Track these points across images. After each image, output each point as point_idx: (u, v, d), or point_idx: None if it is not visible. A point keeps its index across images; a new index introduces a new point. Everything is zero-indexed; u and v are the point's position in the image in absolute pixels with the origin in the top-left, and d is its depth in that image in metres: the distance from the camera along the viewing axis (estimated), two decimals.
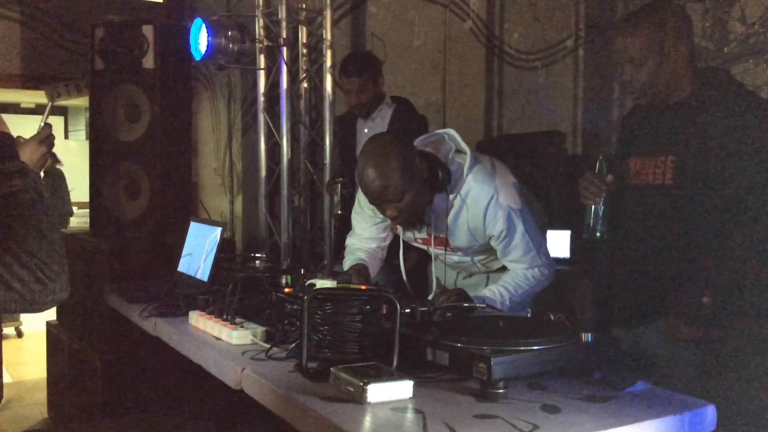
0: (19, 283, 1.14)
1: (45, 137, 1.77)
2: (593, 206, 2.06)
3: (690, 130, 1.96)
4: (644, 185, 2.06)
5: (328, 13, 3.91)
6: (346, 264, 2.53)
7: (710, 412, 1.47)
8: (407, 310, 1.76)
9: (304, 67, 4.08)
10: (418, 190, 2.18)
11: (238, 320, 2.00)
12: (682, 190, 1.96)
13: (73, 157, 9.26)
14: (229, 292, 2.09)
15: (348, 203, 3.43)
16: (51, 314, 4.29)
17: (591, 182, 2.05)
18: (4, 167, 1.23)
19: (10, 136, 1.32)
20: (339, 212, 3.48)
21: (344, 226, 3.63)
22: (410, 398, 1.47)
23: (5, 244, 1.15)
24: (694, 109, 1.98)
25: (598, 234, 2.06)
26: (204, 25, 3.60)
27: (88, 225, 4.20)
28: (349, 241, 2.62)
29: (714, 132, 1.91)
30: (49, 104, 1.81)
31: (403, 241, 2.47)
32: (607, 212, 2.05)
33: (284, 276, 2.45)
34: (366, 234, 2.56)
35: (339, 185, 3.45)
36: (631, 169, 2.11)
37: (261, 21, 3.96)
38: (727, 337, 1.92)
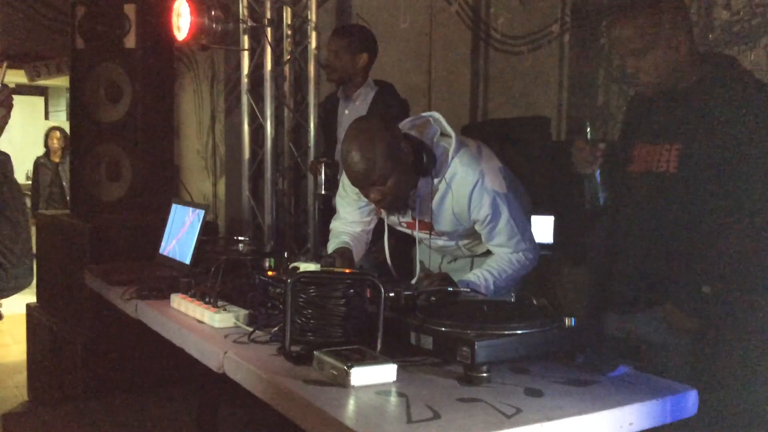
0: None
1: (3, 99, 1.64)
2: (590, 174, 2.02)
3: (696, 118, 1.94)
4: (649, 172, 2.03)
5: None
6: (331, 247, 2.51)
7: (692, 397, 1.48)
8: (391, 294, 1.75)
9: (289, 49, 4.04)
10: (403, 174, 2.17)
11: (220, 303, 1.99)
12: (687, 178, 1.94)
13: None
14: (212, 275, 2.08)
15: (332, 183, 3.40)
16: (31, 296, 4.25)
17: (584, 149, 2.01)
18: None
19: None
20: (322, 192, 3.46)
21: (328, 206, 3.62)
22: (394, 382, 1.46)
23: None
24: (701, 96, 1.95)
25: (600, 202, 2.02)
26: (187, 4, 3.55)
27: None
28: (334, 224, 2.61)
29: (720, 120, 1.89)
30: (4, 63, 1.71)
31: (388, 225, 2.46)
32: (605, 179, 2.01)
33: (267, 259, 2.43)
34: (350, 218, 2.55)
35: (322, 165, 3.42)
36: (636, 155, 2.10)
37: (245, 1, 3.91)
38: (724, 328, 1.92)
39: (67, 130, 4.13)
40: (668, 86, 2.01)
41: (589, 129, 2.03)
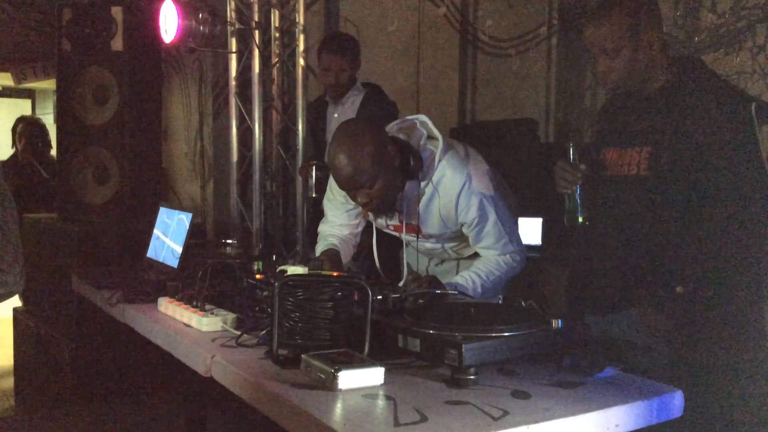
0: None
1: None
2: (571, 193, 2.07)
3: (665, 121, 1.97)
4: (620, 176, 2.06)
5: None
6: (318, 250, 2.51)
7: (678, 398, 1.49)
8: (379, 297, 1.76)
9: (277, 51, 4.03)
10: (390, 177, 2.17)
11: (208, 307, 1.98)
12: (658, 180, 1.96)
13: None
14: (199, 278, 2.07)
15: (322, 186, 3.41)
16: (17, 300, 4.23)
17: (565, 170, 2.06)
18: None
19: None
20: (313, 195, 3.47)
21: (318, 209, 3.62)
22: (381, 385, 1.46)
23: None
24: (670, 99, 1.98)
25: (579, 219, 2.08)
26: (174, 7, 3.54)
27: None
28: (322, 228, 2.61)
29: (689, 122, 1.92)
30: None
31: (376, 228, 2.47)
32: (585, 197, 2.07)
33: (256, 262, 2.43)
34: (338, 221, 2.55)
35: (313, 168, 3.43)
36: (606, 159, 2.12)
37: (232, 3, 3.90)
38: (699, 327, 1.94)
39: (54, 132, 4.08)
40: (638, 86, 2.03)
41: (572, 150, 2.07)
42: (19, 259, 1.17)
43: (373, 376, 1.46)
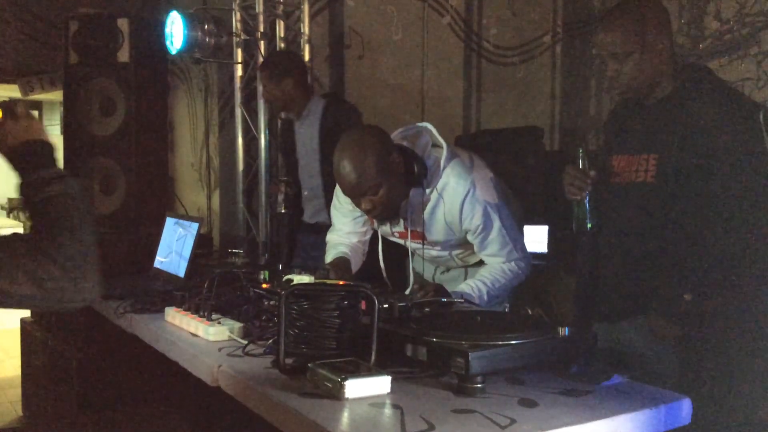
0: (50, 282, 1.20)
1: None
2: (580, 200, 2.07)
3: (672, 128, 1.97)
4: (628, 183, 2.06)
5: (305, 7, 3.89)
6: (328, 259, 2.52)
7: (685, 406, 1.49)
8: (385, 306, 1.76)
9: None
10: (394, 184, 2.18)
11: (214, 316, 1.99)
12: (665, 187, 1.96)
13: None
14: (206, 288, 2.07)
15: (292, 203, 3.44)
16: (25, 311, 4.23)
17: (575, 177, 2.06)
18: (43, 174, 1.31)
19: (50, 144, 1.38)
20: (282, 211, 3.48)
21: (290, 225, 3.64)
22: (388, 394, 1.46)
23: (40, 244, 1.21)
24: (677, 106, 1.98)
25: (588, 226, 2.08)
26: (180, 18, 3.56)
27: None
28: (330, 236, 2.62)
29: (696, 129, 1.92)
30: None
31: (382, 236, 2.47)
32: (594, 204, 2.07)
33: (262, 272, 2.43)
34: (346, 229, 2.56)
35: (283, 185, 3.45)
36: (614, 166, 2.12)
37: (238, 14, 3.93)
38: (707, 334, 1.94)
39: (61, 144, 4.10)
40: (646, 93, 2.04)
41: (581, 155, 2.07)
42: (95, 269, 1.25)
43: (379, 384, 1.46)
